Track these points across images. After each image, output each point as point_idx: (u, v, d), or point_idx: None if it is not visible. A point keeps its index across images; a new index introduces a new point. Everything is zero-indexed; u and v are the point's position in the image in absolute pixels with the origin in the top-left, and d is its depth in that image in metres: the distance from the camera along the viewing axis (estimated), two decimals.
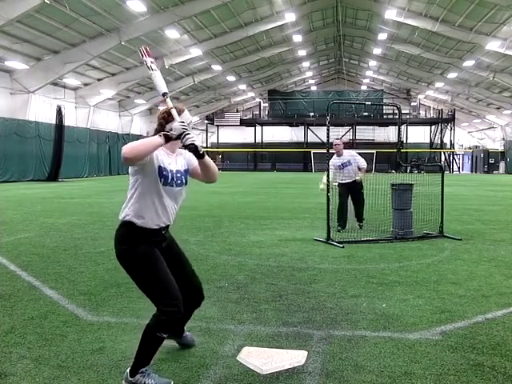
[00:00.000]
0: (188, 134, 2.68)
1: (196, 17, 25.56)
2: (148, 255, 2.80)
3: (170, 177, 2.83)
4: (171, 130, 2.71)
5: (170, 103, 2.89)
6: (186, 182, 2.97)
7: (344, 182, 8.83)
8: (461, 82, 39.62)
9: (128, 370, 2.78)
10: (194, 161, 2.94)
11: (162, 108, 3.05)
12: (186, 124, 2.73)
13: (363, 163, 9.02)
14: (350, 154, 9.06)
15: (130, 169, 2.83)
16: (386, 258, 6.42)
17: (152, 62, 3.06)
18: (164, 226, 2.88)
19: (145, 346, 2.75)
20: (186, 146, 2.71)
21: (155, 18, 23.88)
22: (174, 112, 2.83)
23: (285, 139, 53.72)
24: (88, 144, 32.99)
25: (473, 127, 54.63)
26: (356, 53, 42.19)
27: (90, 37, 24.60)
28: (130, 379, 2.74)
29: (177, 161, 2.93)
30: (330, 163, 8.63)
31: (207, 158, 2.87)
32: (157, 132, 2.84)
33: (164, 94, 2.93)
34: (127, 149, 2.58)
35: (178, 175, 2.88)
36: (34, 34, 22.49)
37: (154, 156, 2.75)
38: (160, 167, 2.79)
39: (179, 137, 2.68)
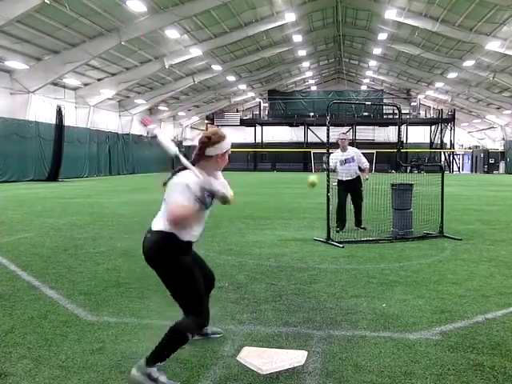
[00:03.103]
0: (217, 191, 2.83)
1: (196, 17, 25.54)
2: (189, 265, 2.95)
3: (210, 202, 2.97)
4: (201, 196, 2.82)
5: (184, 160, 2.90)
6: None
7: (344, 179, 8.74)
8: (461, 82, 39.61)
9: (144, 359, 2.77)
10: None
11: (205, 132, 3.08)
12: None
13: (366, 163, 8.98)
14: (353, 151, 8.99)
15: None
16: (385, 258, 6.42)
17: (154, 129, 3.12)
18: (198, 237, 3.10)
19: (170, 344, 2.81)
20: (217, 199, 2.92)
21: (155, 17, 23.86)
22: (196, 172, 2.86)
23: (285, 139, 53.70)
24: (88, 144, 32.97)
25: (473, 127, 54.62)
26: (356, 53, 42.17)
27: (89, 37, 24.59)
28: (146, 368, 2.75)
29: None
30: (333, 156, 8.64)
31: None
32: (197, 156, 2.92)
33: (176, 157, 2.98)
34: (175, 219, 2.77)
35: (211, 199, 3.01)
36: (34, 34, 22.48)
37: None
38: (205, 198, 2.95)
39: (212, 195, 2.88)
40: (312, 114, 50.17)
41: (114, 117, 38.14)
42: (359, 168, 8.98)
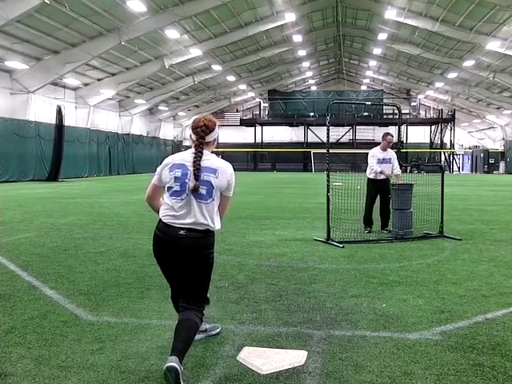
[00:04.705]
0: None
1: (196, 17, 25.53)
2: None
3: None
4: None
5: None
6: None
7: (377, 178, 8.58)
8: (461, 82, 39.60)
9: (176, 356, 2.76)
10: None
11: (197, 118, 3.17)
12: None
13: (399, 169, 8.78)
14: (392, 154, 8.80)
15: (221, 189, 3.07)
16: (386, 258, 6.42)
17: None
18: None
19: (191, 339, 2.95)
20: None
21: (155, 17, 23.86)
22: None
23: (285, 139, 53.71)
24: (88, 144, 32.98)
25: (473, 127, 54.59)
26: (356, 53, 42.16)
27: (89, 37, 24.58)
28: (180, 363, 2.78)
29: None
30: (372, 153, 8.57)
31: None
32: (199, 143, 3.03)
33: None
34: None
35: None
36: (34, 33, 22.48)
37: None
38: None
39: None
40: (312, 114, 50.18)
41: (114, 117, 38.14)
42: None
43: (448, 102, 48.80)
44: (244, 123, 52.02)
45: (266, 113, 53.55)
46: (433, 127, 51.30)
